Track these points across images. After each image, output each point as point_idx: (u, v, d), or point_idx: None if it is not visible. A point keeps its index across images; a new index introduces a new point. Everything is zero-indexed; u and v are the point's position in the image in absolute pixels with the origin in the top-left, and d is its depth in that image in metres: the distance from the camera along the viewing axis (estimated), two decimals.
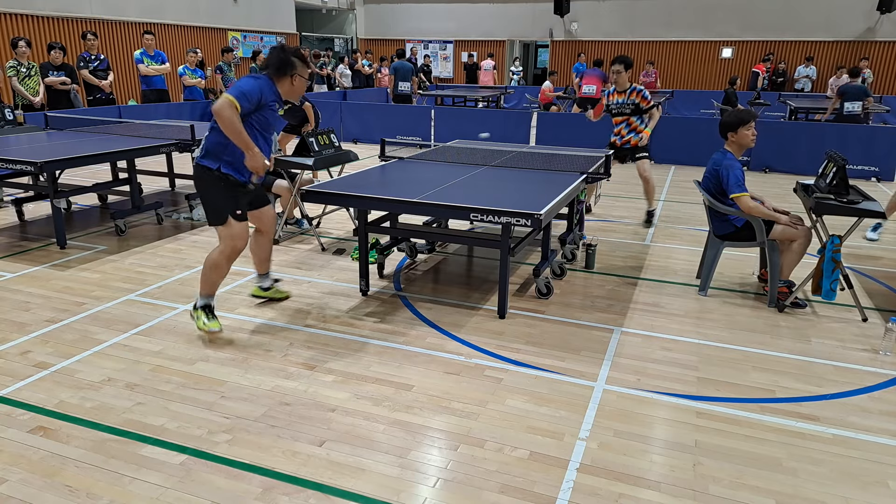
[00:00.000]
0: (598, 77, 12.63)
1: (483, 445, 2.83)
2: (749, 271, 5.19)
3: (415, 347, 3.76)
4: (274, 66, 3.67)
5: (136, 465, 2.66)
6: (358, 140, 12.14)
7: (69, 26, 12.74)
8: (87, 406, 3.09)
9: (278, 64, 3.66)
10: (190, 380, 3.36)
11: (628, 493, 2.53)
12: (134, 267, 5.08)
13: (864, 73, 15.89)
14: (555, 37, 20.50)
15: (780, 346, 3.87)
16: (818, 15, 17.72)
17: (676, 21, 19.01)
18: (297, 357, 3.62)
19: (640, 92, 6.27)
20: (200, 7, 15.78)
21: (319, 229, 6.14)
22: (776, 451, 2.83)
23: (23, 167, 5.19)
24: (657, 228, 6.49)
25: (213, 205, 3.74)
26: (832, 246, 4.11)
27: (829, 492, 2.57)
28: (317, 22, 22.56)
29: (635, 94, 6.22)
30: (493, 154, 5.81)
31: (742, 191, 4.30)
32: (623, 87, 6.28)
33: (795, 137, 9.72)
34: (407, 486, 2.56)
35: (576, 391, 3.30)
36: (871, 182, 9.20)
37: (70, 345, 3.73)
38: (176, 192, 7.75)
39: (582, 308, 4.39)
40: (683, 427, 3.00)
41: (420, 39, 22.12)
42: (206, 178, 3.70)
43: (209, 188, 3.72)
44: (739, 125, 4.41)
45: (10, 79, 8.65)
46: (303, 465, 2.67)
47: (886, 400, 3.28)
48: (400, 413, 3.07)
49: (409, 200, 4.02)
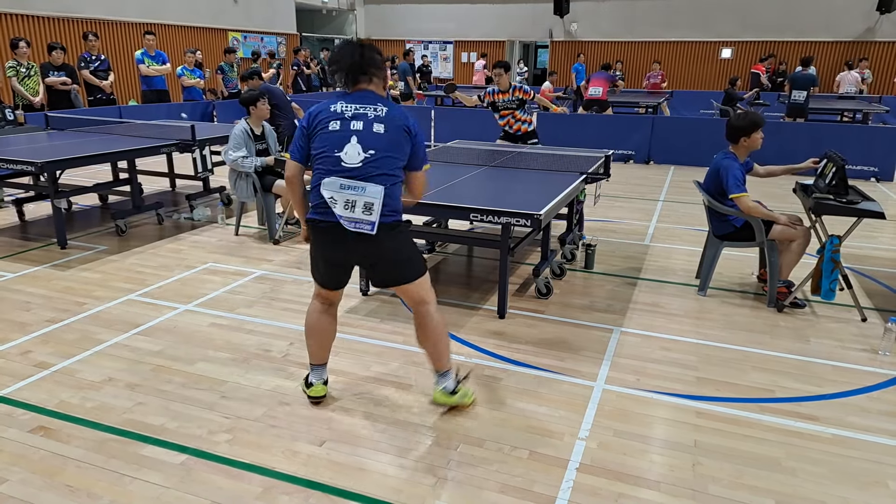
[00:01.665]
0: (604, 79, 12.54)
1: (483, 445, 2.83)
2: (748, 271, 5.20)
3: (415, 347, 3.76)
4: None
5: (136, 465, 2.66)
6: None
7: (69, 27, 12.73)
8: (88, 406, 3.10)
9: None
10: (190, 380, 3.36)
11: (628, 493, 2.54)
12: (134, 267, 5.08)
13: (864, 73, 15.92)
14: (554, 37, 20.50)
15: (780, 346, 3.88)
16: (818, 15, 17.71)
17: (676, 21, 19.00)
18: (297, 357, 3.62)
19: (520, 88, 6.86)
20: (200, 7, 15.78)
21: None
22: (775, 450, 2.83)
23: (23, 167, 5.20)
24: (657, 228, 6.50)
25: (417, 253, 3.01)
26: (831, 246, 4.11)
27: (828, 492, 2.57)
28: (317, 22, 22.56)
29: (518, 91, 6.72)
30: (493, 154, 5.81)
31: (741, 191, 4.30)
32: (505, 87, 6.76)
33: (795, 137, 9.72)
34: (407, 486, 2.56)
35: (575, 391, 3.30)
36: (870, 182, 9.20)
37: (71, 345, 3.74)
38: (176, 192, 7.75)
39: (582, 308, 4.39)
40: (683, 427, 3.00)
41: (420, 40, 22.11)
42: (404, 231, 2.93)
43: (408, 238, 2.98)
44: (753, 129, 4.39)
45: (10, 79, 8.65)
46: (303, 465, 2.68)
47: (885, 400, 3.29)
48: (400, 413, 3.08)
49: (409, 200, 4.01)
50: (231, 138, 5.63)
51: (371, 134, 2.73)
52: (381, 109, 2.79)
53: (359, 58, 2.82)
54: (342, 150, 2.72)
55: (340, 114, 2.77)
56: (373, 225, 2.71)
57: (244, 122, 5.72)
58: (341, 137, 2.74)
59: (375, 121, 2.76)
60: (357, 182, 2.70)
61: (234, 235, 6.01)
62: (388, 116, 2.78)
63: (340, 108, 2.78)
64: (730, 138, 4.49)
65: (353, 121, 2.74)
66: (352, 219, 2.71)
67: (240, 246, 5.71)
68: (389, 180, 2.74)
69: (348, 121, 2.75)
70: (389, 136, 2.75)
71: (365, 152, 2.71)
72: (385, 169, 2.73)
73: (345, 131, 2.74)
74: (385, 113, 2.78)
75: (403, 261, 2.90)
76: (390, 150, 2.75)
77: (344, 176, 2.70)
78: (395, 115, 2.79)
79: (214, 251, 5.53)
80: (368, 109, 2.78)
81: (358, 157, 2.71)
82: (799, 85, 10.72)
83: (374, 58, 2.85)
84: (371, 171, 2.71)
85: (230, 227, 6.21)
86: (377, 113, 2.78)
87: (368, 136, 2.73)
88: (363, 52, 2.82)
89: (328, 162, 2.74)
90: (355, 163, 2.71)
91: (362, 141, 2.72)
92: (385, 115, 2.78)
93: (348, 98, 2.82)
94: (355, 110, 2.77)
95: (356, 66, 2.82)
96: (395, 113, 2.80)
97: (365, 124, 2.74)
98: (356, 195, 2.69)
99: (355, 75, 2.83)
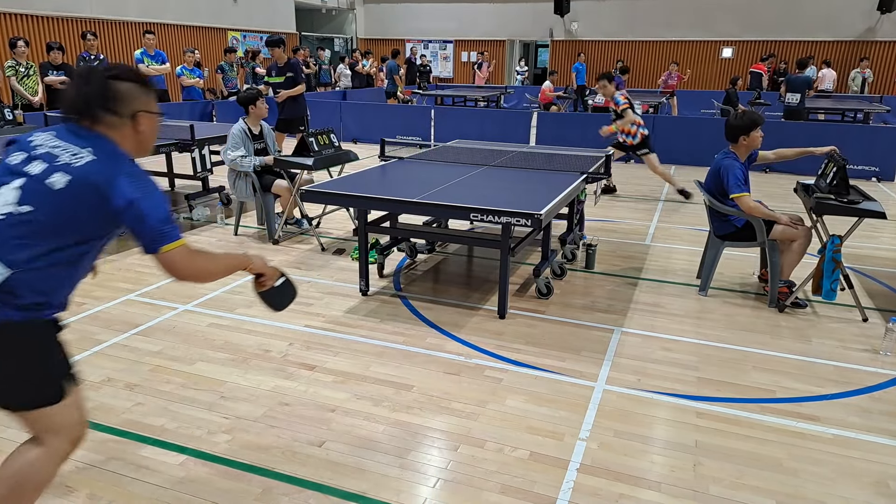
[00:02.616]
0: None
1: (483, 446, 2.82)
2: (749, 271, 5.19)
3: (415, 347, 3.75)
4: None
5: (135, 465, 2.65)
6: (358, 140, 12.13)
7: (69, 26, 12.72)
8: (87, 406, 3.08)
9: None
10: (190, 380, 3.35)
11: (628, 494, 2.53)
12: (133, 267, 5.08)
13: (865, 73, 15.92)
14: (555, 36, 20.50)
15: (781, 346, 3.87)
16: (818, 15, 17.70)
17: (676, 21, 19.00)
18: (296, 357, 3.61)
19: (612, 100, 7.49)
20: (200, 7, 15.77)
21: (319, 229, 6.14)
22: (777, 451, 2.82)
23: None
24: (658, 228, 6.49)
25: (40, 372, 2.11)
26: (832, 246, 4.10)
27: (829, 492, 2.57)
28: (316, 22, 22.55)
29: (612, 102, 7.39)
30: (493, 154, 5.81)
31: (742, 191, 4.29)
32: (608, 96, 7.48)
33: (795, 137, 9.69)
34: (407, 486, 2.56)
35: (576, 391, 3.29)
36: (871, 182, 9.19)
37: (69, 345, 3.72)
38: (175, 191, 7.74)
39: (582, 308, 4.39)
40: (684, 427, 2.99)
41: (420, 39, 22.11)
42: (20, 338, 2.03)
43: (26, 349, 2.05)
44: (753, 128, 4.39)
45: (9, 78, 8.65)
46: (303, 465, 2.67)
47: (887, 400, 3.28)
48: (400, 413, 3.07)
49: (409, 200, 4.01)
50: (229, 138, 5.62)
51: (42, 186, 1.84)
52: (81, 157, 1.88)
53: (84, 89, 1.93)
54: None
55: (31, 146, 1.92)
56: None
57: (242, 122, 5.71)
58: (6, 171, 1.89)
59: (62, 170, 1.86)
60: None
61: (234, 235, 6.00)
62: (83, 169, 1.86)
63: (41, 139, 1.93)
64: (729, 138, 4.48)
65: (37, 161, 1.88)
66: None
67: (239, 246, 5.70)
68: (31, 261, 1.84)
69: (32, 159, 1.89)
70: (65, 197, 1.84)
71: (18, 205, 1.83)
72: (29, 240, 1.83)
73: (16, 168, 1.89)
74: (84, 164, 1.86)
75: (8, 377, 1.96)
76: (54, 216, 1.84)
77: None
78: (96, 170, 1.87)
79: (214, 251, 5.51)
80: (66, 153, 1.88)
81: (3, 207, 1.83)
82: (792, 87, 10.69)
83: (110, 90, 1.93)
84: (6, 236, 1.82)
85: (229, 227, 6.20)
86: (72, 160, 1.87)
87: (37, 187, 1.85)
88: (91, 81, 1.94)
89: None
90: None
91: (26, 191, 1.85)
92: (82, 166, 1.86)
93: (62, 130, 1.95)
94: (50, 148, 1.90)
95: (76, 103, 1.93)
96: (98, 168, 1.87)
97: (45, 170, 1.86)
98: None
99: (77, 114, 1.94)
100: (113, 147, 1.94)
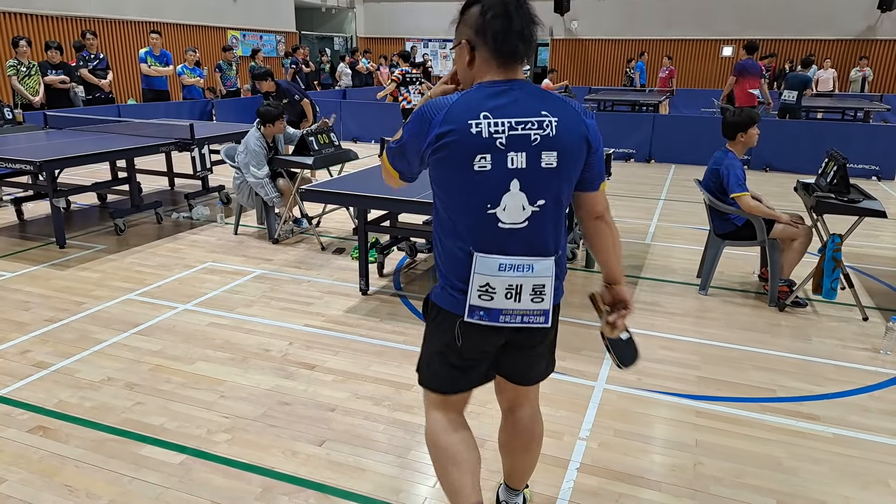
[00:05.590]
0: (757, 74, 9.87)
1: (483, 445, 2.82)
2: (749, 270, 5.19)
3: (415, 347, 3.75)
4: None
5: (135, 464, 2.65)
6: (358, 139, 12.13)
7: (69, 25, 12.71)
8: (87, 406, 3.09)
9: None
10: (189, 379, 3.35)
11: (628, 493, 2.53)
12: (133, 266, 5.07)
13: (865, 72, 15.90)
14: (555, 35, 20.48)
15: (781, 345, 3.87)
16: (818, 13, 17.69)
17: (676, 19, 18.98)
18: (296, 356, 3.61)
19: None
20: (200, 6, 15.76)
21: (319, 228, 6.13)
22: (777, 450, 2.82)
23: (22, 166, 5.18)
24: (658, 227, 6.49)
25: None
26: (833, 245, 4.10)
27: (829, 491, 2.56)
28: (316, 20, 22.54)
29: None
30: None
31: (743, 190, 4.29)
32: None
33: (796, 136, 9.70)
34: (407, 486, 2.55)
35: (576, 391, 3.29)
36: (871, 181, 9.19)
37: (69, 344, 3.73)
38: (175, 191, 7.74)
39: (582, 307, 4.38)
40: (684, 426, 2.99)
41: (420, 38, 22.10)
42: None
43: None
44: (750, 125, 4.39)
45: (10, 78, 8.64)
46: (302, 465, 2.67)
47: (887, 399, 3.28)
48: (400, 413, 3.07)
49: (409, 200, 4.01)
50: (250, 154, 5.54)
51: (540, 170, 1.61)
52: (552, 118, 1.63)
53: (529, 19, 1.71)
54: (499, 205, 1.65)
55: (489, 138, 1.60)
56: (546, 314, 1.78)
57: (259, 134, 5.63)
58: (498, 182, 1.63)
59: (543, 147, 1.61)
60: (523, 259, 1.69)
61: (234, 234, 6.00)
62: (560, 128, 1.63)
63: (488, 125, 1.60)
64: (726, 135, 4.49)
65: (511, 152, 1.60)
66: (517, 312, 1.75)
67: (239, 245, 5.70)
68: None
69: (503, 152, 1.60)
70: (563, 164, 1.64)
71: (532, 204, 1.64)
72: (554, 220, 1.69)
73: (499, 170, 1.62)
74: (558, 122, 1.63)
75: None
76: (564, 187, 1.68)
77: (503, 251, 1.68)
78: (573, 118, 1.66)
79: (213, 250, 5.51)
80: (531, 123, 1.60)
81: (522, 212, 1.65)
82: (790, 85, 10.70)
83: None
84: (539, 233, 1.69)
85: (229, 227, 6.20)
86: (545, 130, 1.61)
87: (537, 173, 1.61)
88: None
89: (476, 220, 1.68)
90: (518, 222, 1.66)
91: (526, 185, 1.63)
92: (558, 125, 1.63)
93: (498, 97, 1.63)
94: (512, 127, 1.59)
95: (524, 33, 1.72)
96: (573, 116, 1.67)
97: (530, 155, 1.60)
98: (522, 277, 1.69)
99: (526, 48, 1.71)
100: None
